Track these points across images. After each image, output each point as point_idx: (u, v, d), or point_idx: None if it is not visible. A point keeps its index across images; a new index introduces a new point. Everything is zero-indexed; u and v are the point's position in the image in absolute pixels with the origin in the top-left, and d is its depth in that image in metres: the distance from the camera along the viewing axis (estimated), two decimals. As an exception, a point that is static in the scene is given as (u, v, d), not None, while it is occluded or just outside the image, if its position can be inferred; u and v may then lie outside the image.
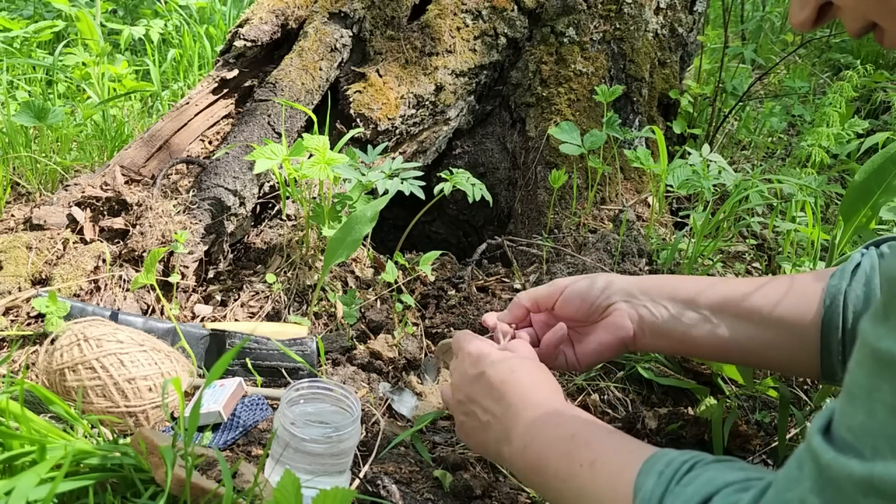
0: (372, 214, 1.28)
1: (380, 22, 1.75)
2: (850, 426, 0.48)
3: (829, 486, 0.49)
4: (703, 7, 2.07)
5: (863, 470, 0.46)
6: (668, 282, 0.96)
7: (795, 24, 0.64)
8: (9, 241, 1.33)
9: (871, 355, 0.48)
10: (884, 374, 0.46)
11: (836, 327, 0.85)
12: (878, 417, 0.46)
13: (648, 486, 0.63)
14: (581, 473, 0.71)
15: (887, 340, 0.46)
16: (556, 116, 1.80)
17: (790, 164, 2.16)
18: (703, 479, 0.61)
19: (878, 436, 0.46)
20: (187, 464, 0.74)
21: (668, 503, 0.60)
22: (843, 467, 0.47)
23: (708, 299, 0.92)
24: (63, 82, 2.53)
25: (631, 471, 0.65)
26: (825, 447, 0.49)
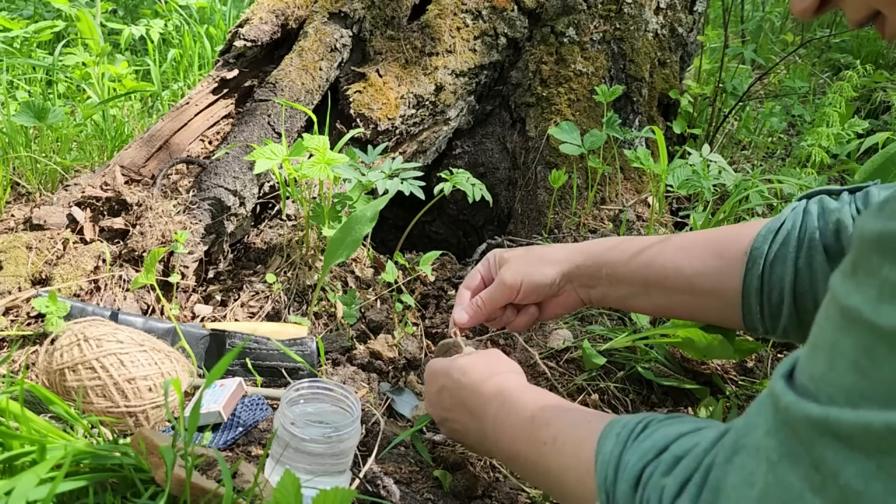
0: (372, 214, 1.28)
1: (380, 22, 1.75)
2: (812, 375, 0.50)
3: (785, 428, 0.50)
4: (703, 7, 2.07)
5: (820, 412, 0.48)
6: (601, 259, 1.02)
7: (797, 12, 0.65)
8: (9, 241, 1.33)
9: (839, 310, 0.49)
10: (849, 329, 0.48)
11: (756, 290, 0.91)
12: (838, 369, 0.48)
13: (607, 448, 0.66)
14: (546, 452, 0.75)
15: (854, 297, 0.48)
16: (556, 116, 1.80)
17: (790, 164, 2.16)
18: (658, 434, 0.64)
19: (835, 386, 0.48)
20: (187, 464, 0.74)
21: (626, 459, 0.64)
22: (800, 409, 0.49)
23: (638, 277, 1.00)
24: (63, 82, 2.53)
25: (591, 439, 0.69)
26: (786, 391, 0.51)
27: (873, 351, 0.46)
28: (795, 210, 0.93)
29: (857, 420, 0.45)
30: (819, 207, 0.91)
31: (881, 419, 0.44)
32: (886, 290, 0.46)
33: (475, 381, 0.89)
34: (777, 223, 0.92)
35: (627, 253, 1.00)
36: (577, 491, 0.70)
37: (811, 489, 0.48)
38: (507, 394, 0.85)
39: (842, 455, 0.46)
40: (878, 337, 0.46)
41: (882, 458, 0.45)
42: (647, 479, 0.61)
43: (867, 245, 0.48)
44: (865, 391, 0.46)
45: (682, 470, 0.59)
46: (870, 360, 0.46)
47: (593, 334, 1.33)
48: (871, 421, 0.45)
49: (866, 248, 0.48)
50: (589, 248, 1.04)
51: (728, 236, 0.96)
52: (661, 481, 0.60)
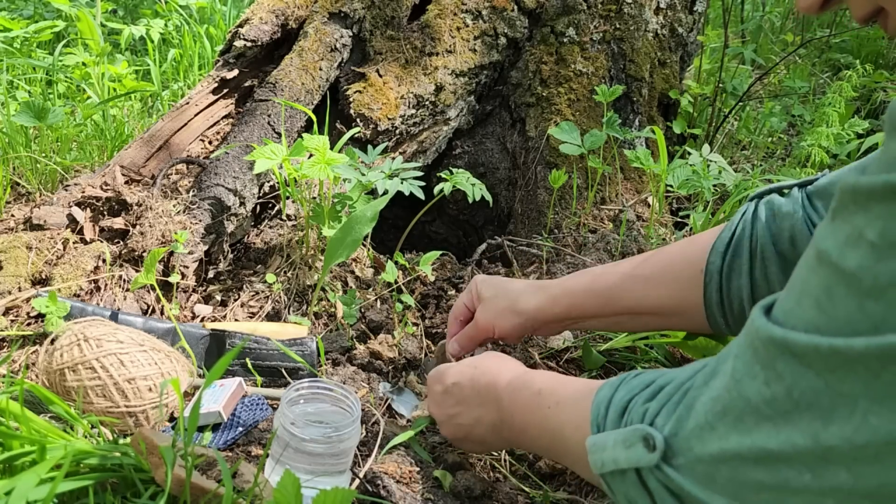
0: (372, 214, 1.28)
1: (380, 22, 1.75)
2: (784, 309, 0.56)
3: (750, 349, 0.57)
4: (703, 7, 2.07)
5: (781, 333, 0.54)
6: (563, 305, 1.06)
7: (803, 7, 0.68)
8: (9, 241, 1.33)
9: (815, 252, 0.54)
10: (817, 269, 0.53)
11: (717, 304, 0.96)
12: (803, 305, 0.54)
13: (602, 393, 0.73)
14: (549, 414, 0.81)
15: (827, 241, 0.53)
16: (556, 116, 1.80)
17: (790, 164, 2.16)
18: (648, 374, 0.71)
19: (798, 319, 0.54)
20: (187, 464, 0.74)
21: (618, 396, 0.70)
22: (766, 330, 0.55)
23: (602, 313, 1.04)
24: (63, 82, 2.53)
25: (589, 394, 0.74)
26: (760, 317, 0.57)
27: (833, 290, 0.51)
28: (745, 216, 0.95)
29: (809, 341, 0.52)
30: (768, 211, 0.93)
31: (827, 342, 0.50)
32: (853, 236, 0.50)
33: (490, 370, 0.93)
34: (728, 233, 0.95)
35: (592, 293, 1.04)
36: (576, 437, 0.74)
37: (764, 402, 0.54)
38: (520, 376, 0.90)
39: (797, 371, 0.53)
40: (839, 277, 0.51)
41: (829, 375, 0.51)
42: (633, 406, 0.67)
43: (846, 195, 0.52)
44: (821, 326, 0.52)
45: (664, 395, 0.65)
46: (829, 297, 0.51)
47: (593, 334, 1.33)
48: (819, 343, 0.51)
49: (844, 198, 0.52)
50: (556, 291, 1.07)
51: (684, 256, 1.00)
52: (644, 406, 0.66)
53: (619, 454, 0.66)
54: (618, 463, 0.66)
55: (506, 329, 1.08)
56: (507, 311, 1.07)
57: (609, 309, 1.03)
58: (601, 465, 0.68)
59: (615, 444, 0.66)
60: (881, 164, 0.51)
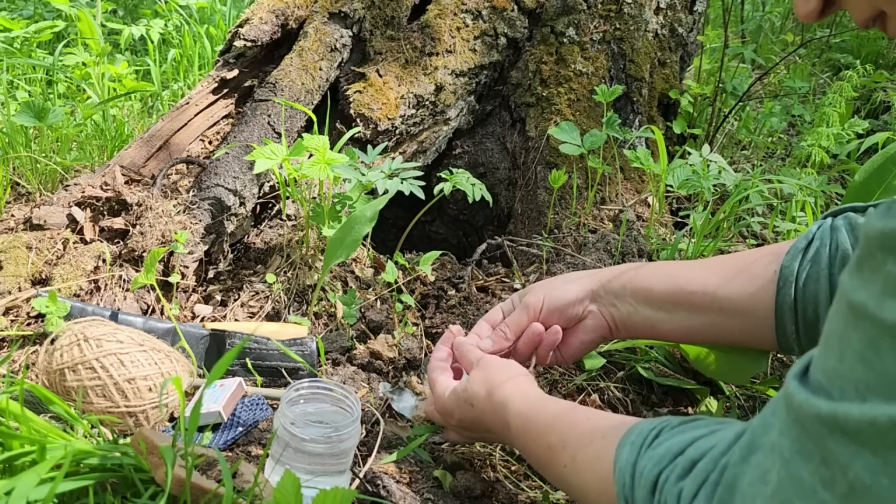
0: (372, 214, 1.28)
1: (380, 22, 1.75)
2: (825, 369, 0.52)
3: (797, 426, 0.52)
4: (703, 7, 2.07)
5: (829, 409, 0.49)
6: (626, 277, 1.01)
7: (801, 15, 0.67)
8: (9, 241, 1.33)
9: (847, 305, 0.51)
10: (856, 324, 0.50)
11: (790, 308, 0.90)
12: (847, 363, 0.50)
13: (623, 456, 0.69)
14: (566, 473, 0.78)
15: (860, 292, 0.50)
16: (556, 116, 1.80)
17: (790, 164, 2.16)
18: (673, 440, 0.66)
19: (845, 379, 0.49)
20: (187, 464, 0.74)
21: (642, 465, 0.66)
22: (811, 407, 0.51)
23: (663, 294, 0.98)
24: (63, 82, 2.53)
25: (607, 452, 0.71)
26: (799, 389, 0.53)
27: (878, 343, 0.48)
28: (822, 228, 0.92)
29: (864, 415, 0.47)
30: (847, 223, 0.90)
31: (885, 413, 0.46)
32: (890, 286, 0.48)
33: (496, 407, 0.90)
34: (804, 242, 0.92)
35: (652, 270, 1.00)
36: (600, 501, 0.72)
37: (822, 484, 0.49)
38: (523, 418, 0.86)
39: (850, 450, 0.47)
40: (882, 330, 0.47)
41: (888, 452, 0.46)
42: (664, 483, 0.63)
43: (872, 242, 0.49)
44: (871, 383, 0.48)
45: (699, 472, 0.60)
46: (874, 352, 0.48)
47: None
48: (877, 416, 0.46)
49: (871, 246, 0.49)
50: (613, 268, 1.04)
51: (755, 257, 0.96)
52: (677, 484, 0.61)
53: None
54: None
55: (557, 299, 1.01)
56: (561, 281, 1.03)
57: (665, 290, 0.97)
58: None
59: None
60: None
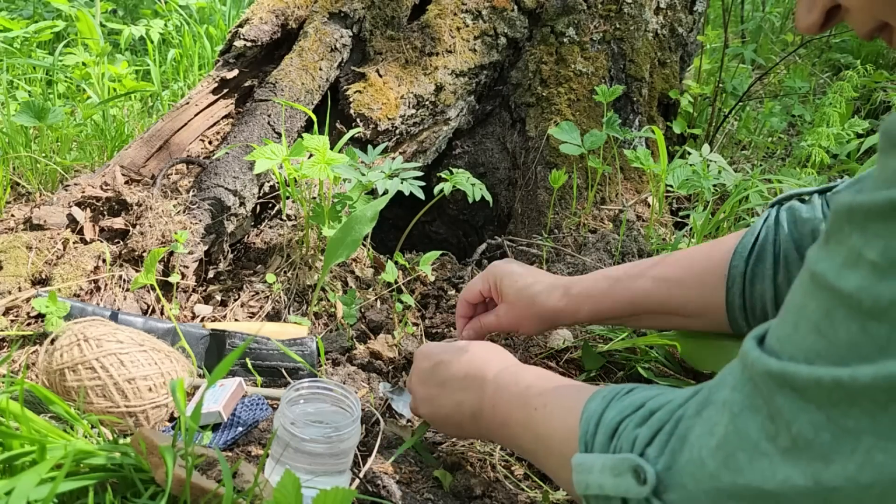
0: (372, 214, 1.28)
1: (380, 22, 1.75)
2: (779, 337, 0.54)
3: (749, 383, 0.54)
4: (703, 7, 2.07)
5: (779, 366, 0.51)
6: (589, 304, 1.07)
7: (802, 28, 0.68)
8: (9, 241, 1.33)
9: (809, 276, 0.53)
10: (814, 293, 0.51)
11: (740, 308, 0.96)
12: (801, 331, 0.52)
13: (592, 406, 0.70)
14: (535, 417, 0.79)
15: (822, 263, 0.51)
16: (556, 116, 1.80)
17: (790, 164, 2.16)
18: (641, 394, 0.68)
19: (796, 346, 0.52)
20: (187, 464, 0.74)
21: (607, 414, 0.68)
22: (762, 363, 0.53)
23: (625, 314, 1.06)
24: (63, 82, 2.53)
25: (579, 404, 0.72)
26: (753, 348, 0.55)
27: (833, 313, 0.49)
28: (767, 222, 0.96)
29: (810, 374, 0.49)
30: (790, 217, 0.94)
31: (829, 374, 0.48)
32: (851, 257, 0.49)
33: (480, 356, 0.93)
34: (751, 238, 0.96)
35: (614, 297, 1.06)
36: (562, 449, 0.72)
37: (766, 438, 0.52)
38: (510, 368, 0.89)
39: (796, 405, 0.50)
40: (839, 300, 0.49)
41: (832, 409, 0.48)
42: (623, 430, 0.65)
43: (840, 216, 0.50)
44: (821, 351, 0.50)
45: (655, 421, 0.63)
46: (829, 321, 0.49)
47: (593, 334, 1.33)
48: (822, 376, 0.48)
49: (839, 219, 0.51)
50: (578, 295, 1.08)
51: (707, 259, 1.00)
52: (634, 431, 0.64)
53: (606, 480, 0.63)
54: (604, 489, 0.63)
55: (530, 330, 1.12)
56: (532, 315, 1.10)
57: (632, 310, 1.05)
58: (585, 487, 0.66)
59: (603, 469, 0.64)
60: (879, 182, 0.49)
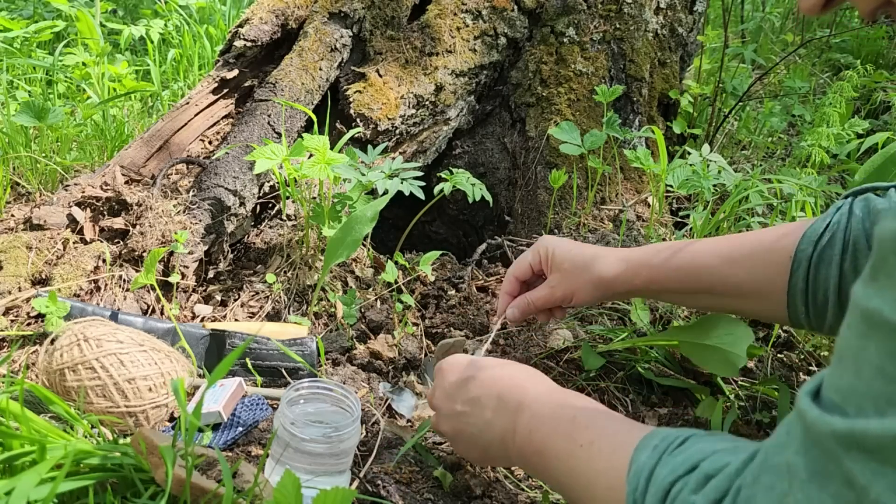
0: (372, 214, 1.28)
1: (380, 22, 1.75)
2: (839, 387, 0.48)
3: (813, 446, 0.49)
4: (703, 7, 2.07)
5: (845, 425, 0.46)
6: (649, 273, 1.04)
7: (805, 8, 0.66)
8: (9, 241, 1.33)
9: (860, 316, 0.48)
10: (871, 334, 0.46)
11: (802, 291, 0.94)
12: (864, 377, 0.46)
13: (642, 458, 0.65)
14: (579, 454, 0.73)
15: (875, 300, 0.46)
16: (556, 116, 1.80)
17: (790, 164, 2.16)
18: (694, 449, 0.63)
19: (863, 396, 0.46)
20: (187, 464, 0.74)
21: (659, 472, 0.62)
22: (826, 424, 0.47)
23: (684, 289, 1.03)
24: (63, 82, 2.53)
25: (627, 448, 0.67)
26: (811, 406, 0.50)
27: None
28: (840, 210, 0.94)
29: (884, 430, 0.43)
30: (864, 207, 0.92)
31: None
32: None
33: (517, 375, 0.88)
34: (822, 224, 0.94)
35: (673, 267, 1.02)
36: (605, 497, 0.68)
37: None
38: (553, 393, 0.84)
39: (870, 468, 0.44)
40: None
41: None
42: (676, 494, 0.60)
43: (886, 246, 0.46)
44: (892, 396, 0.44)
45: (713, 490, 0.57)
46: (894, 362, 0.44)
47: (593, 334, 1.33)
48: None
49: (885, 250, 0.46)
50: (637, 262, 1.05)
51: (774, 240, 0.98)
52: (689, 498, 0.58)
53: None
54: None
55: (584, 299, 1.09)
56: (587, 282, 1.07)
57: (689, 285, 1.02)
58: None
59: None
60: None
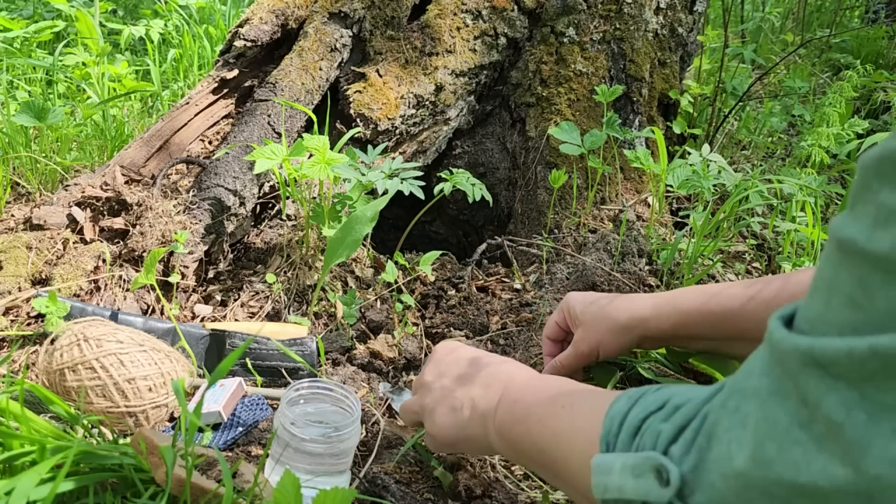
0: (372, 214, 1.28)
1: (380, 22, 1.75)
2: (808, 317, 0.48)
3: (776, 365, 0.48)
4: (703, 7, 2.07)
5: (806, 342, 0.45)
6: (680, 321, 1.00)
7: None
8: (9, 241, 1.33)
9: (836, 246, 0.46)
10: (844, 263, 0.45)
11: None
12: (833, 307, 0.45)
13: (617, 406, 0.65)
14: (560, 413, 0.73)
15: (849, 228, 0.45)
16: (556, 116, 1.80)
17: (790, 164, 2.16)
18: (668, 390, 0.63)
19: (829, 324, 0.45)
20: (187, 464, 0.74)
21: (633, 413, 0.62)
22: (790, 342, 0.47)
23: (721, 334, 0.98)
24: (63, 82, 2.53)
25: (606, 405, 0.67)
26: (778, 328, 0.49)
27: (867, 280, 0.43)
28: None
29: (841, 346, 0.43)
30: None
31: (865, 342, 0.41)
32: (882, 215, 0.43)
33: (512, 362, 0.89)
34: None
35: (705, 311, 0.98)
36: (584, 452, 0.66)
37: (798, 424, 0.46)
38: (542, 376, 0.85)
39: (823, 384, 0.44)
40: (872, 265, 0.43)
41: (865, 385, 0.42)
42: (647, 427, 0.60)
43: (868, 171, 0.45)
44: (858, 325, 0.43)
45: (680, 416, 0.57)
46: (863, 290, 0.43)
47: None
48: (855, 345, 0.42)
49: (867, 175, 0.45)
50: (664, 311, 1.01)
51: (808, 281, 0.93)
52: (657, 427, 0.59)
53: (626, 482, 0.58)
54: (623, 492, 0.58)
55: (611, 349, 1.05)
56: (611, 333, 1.03)
57: (722, 331, 0.97)
58: (604, 490, 0.61)
59: (623, 469, 0.59)
60: None
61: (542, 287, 1.46)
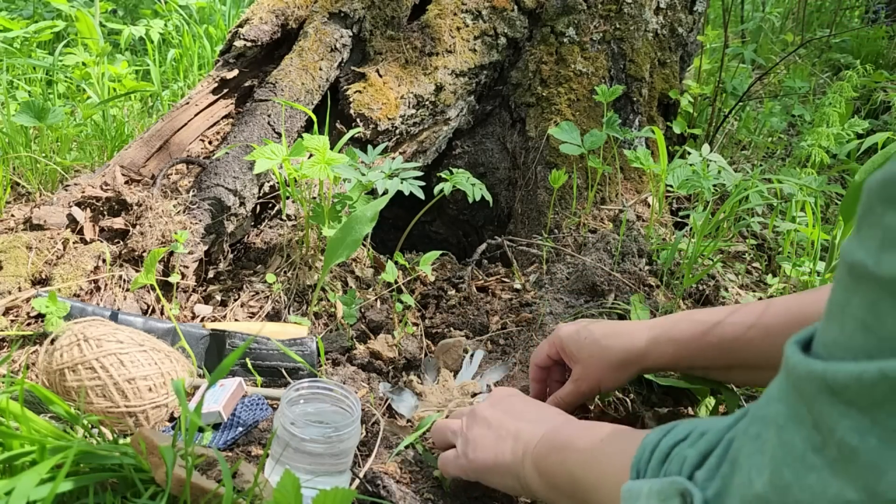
0: (372, 214, 1.28)
1: (380, 22, 1.75)
2: (825, 342, 0.48)
3: (793, 390, 0.49)
4: (703, 7, 2.07)
5: (820, 368, 0.46)
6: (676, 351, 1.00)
7: None
8: (9, 241, 1.33)
9: (846, 270, 0.47)
10: (854, 287, 0.45)
11: None
12: (847, 332, 0.45)
13: (651, 436, 0.67)
14: (597, 444, 0.76)
15: (859, 252, 0.45)
16: (556, 116, 1.80)
17: (790, 164, 2.16)
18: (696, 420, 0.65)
19: (844, 348, 0.45)
20: (187, 464, 0.74)
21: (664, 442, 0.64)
22: (804, 367, 0.47)
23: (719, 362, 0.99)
24: (63, 82, 2.53)
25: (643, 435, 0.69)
26: (795, 352, 0.49)
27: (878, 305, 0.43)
28: None
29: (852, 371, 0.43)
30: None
31: (875, 367, 0.42)
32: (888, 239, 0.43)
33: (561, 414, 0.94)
34: None
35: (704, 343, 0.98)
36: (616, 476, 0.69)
37: (812, 449, 0.46)
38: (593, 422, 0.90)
39: (836, 410, 0.44)
40: (882, 289, 0.43)
41: (876, 411, 0.42)
42: (675, 454, 0.62)
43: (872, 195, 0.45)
44: (871, 350, 0.43)
45: (704, 442, 0.59)
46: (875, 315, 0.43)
47: (593, 334, 1.32)
48: (865, 370, 0.42)
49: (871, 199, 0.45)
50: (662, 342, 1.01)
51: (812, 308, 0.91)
52: (684, 452, 0.60)
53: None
54: None
55: (611, 386, 1.06)
56: (610, 370, 1.04)
57: (723, 361, 0.97)
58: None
59: (650, 493, 0.60)
60: None
61: (542, 287, 1.46)
